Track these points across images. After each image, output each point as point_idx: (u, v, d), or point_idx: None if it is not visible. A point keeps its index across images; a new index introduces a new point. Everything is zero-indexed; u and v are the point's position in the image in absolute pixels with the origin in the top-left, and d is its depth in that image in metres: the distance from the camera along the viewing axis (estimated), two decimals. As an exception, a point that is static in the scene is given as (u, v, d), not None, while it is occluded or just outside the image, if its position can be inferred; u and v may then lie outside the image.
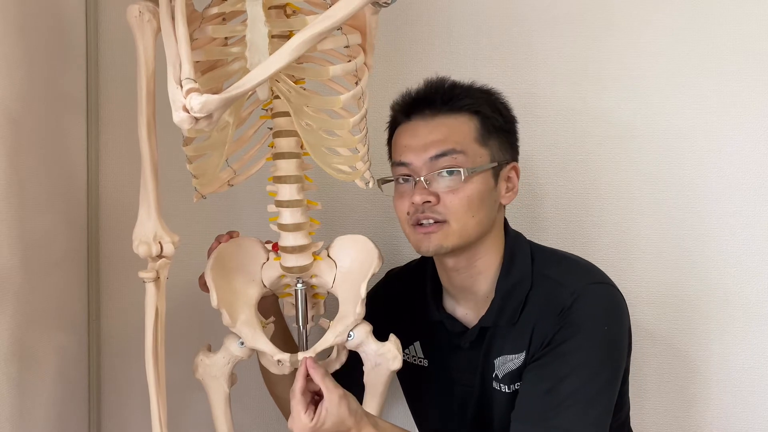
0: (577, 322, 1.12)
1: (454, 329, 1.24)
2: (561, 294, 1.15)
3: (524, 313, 1.17)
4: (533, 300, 1.18)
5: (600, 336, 1.13)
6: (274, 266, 1.19)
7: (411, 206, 1.16)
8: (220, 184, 1.18)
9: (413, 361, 1.31)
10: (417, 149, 1.16)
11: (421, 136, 1.16)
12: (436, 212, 1.14)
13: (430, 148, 1.15)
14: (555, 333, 1.13)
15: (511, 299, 1.18)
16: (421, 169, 1.15)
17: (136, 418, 1.58)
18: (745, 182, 1.52)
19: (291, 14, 1.10)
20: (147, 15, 1.01)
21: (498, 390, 1.19)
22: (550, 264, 1.21)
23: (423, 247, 1.16)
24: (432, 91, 1.20)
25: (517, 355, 1.17)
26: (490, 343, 1.20)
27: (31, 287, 1.28)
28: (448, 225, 1.14)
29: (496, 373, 1.19)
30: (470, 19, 1.56)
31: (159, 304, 1.07)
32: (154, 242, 1.05)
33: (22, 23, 1.25)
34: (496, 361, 1.19)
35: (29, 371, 1.28)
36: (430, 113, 1.18)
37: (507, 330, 1.19)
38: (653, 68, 1.54)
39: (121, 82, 1.56)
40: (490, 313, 1.19)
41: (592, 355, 1.11)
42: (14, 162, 1.22)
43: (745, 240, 1.52)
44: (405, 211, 1.17)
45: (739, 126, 1.52)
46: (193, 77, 0.91)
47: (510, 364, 1.17)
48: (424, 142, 1.16)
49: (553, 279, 1.18)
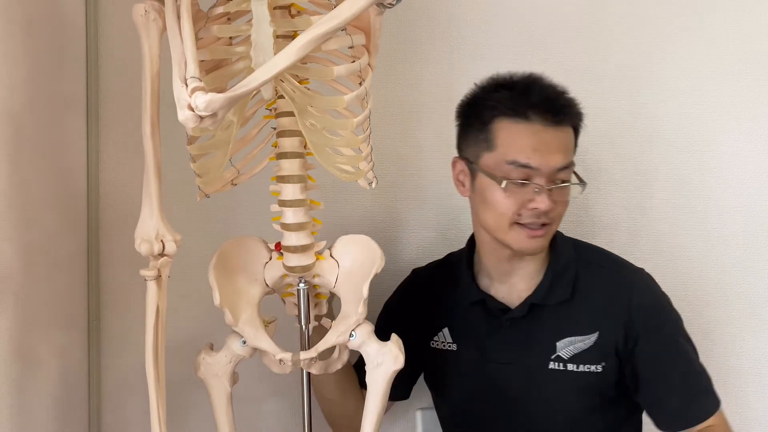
0: (656, 305, 1.26)
1: (496, 307, 1.29)
2: (623, 280, 1.26)
3: (583, 296, 1.25)
4: (590, 284, 1.26)
5: (674, 309, 1.27)
6: (277, 266, 1.19)
7: (527, 210, 1.18)
8: (223, 183, 1.18)
9: (442, 347, 1.35)
10: (546, 156, 1.18)
11: (549, 144, 1.19)
12: (548, 217, 1.20)
13: (557, 159, 1.19)
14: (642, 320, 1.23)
15: (562, 280, 1.26)
16: (544, 177, 1.18)
17: (136, 418, 1.58)
18: (746, 182, 1.53)
19: (296, 14, 1.11)
20: (152, 14, 1.01)
21: (557, 369, 1.24)
22: (591, 252, 1.32)
23: (528, 247, 1.21)
24: (555, 97, 1.22)
25: (587, 336, 1.24)
26: (545, 324, 1.25)
27: (32, 287, 1.28)
28: (550, 227, 1.21)
29: (558, 354, 1.24)
30: (470, 19, 1.57)
31: (160, 302, 1.07)
32: (156, 240, 1.05)
33: (23, 23, 1.25)
34: (558, 343, 1.25)
35: (29, 371, 1.27)
36: (553, 120, 1.20)
37: (566, 312, 1.25)
38: (653, 68, 1.55)
39: (121, 82, 1.56)
40: (539, 292, 1.26)
41: (681, 327, 1.26)
42: (14, 162, 1.22)
43: (745, 240, 1.54)
44: (515, 210, 1.19)
45: (740, 126, 1.53)
46: (198, 76, 0.91)
47: (579, 344, 1.24)
48: (551, 150, 1.19)
49: (606, 267, 1.29)
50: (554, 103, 1.21)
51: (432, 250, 1.60)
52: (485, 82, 1.27)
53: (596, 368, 1.24)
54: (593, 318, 1.24)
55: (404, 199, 1.60)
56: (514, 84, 1.23)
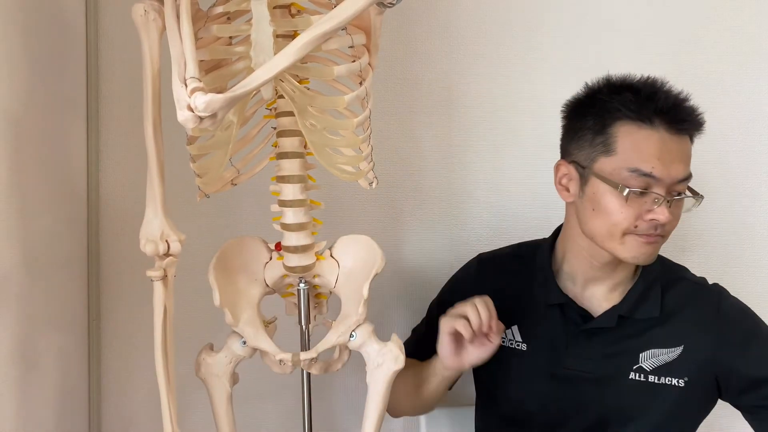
0: (741, 312, 1.25)
1: (577, 313, 1.26)
2: (705, 294, 1.26)
3: (669, 309, 1.24)
4: (676, 298, 1.25)
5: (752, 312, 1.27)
6: (277, 266, 1.19)
7: (646, 222, 1.15)
8: (223, 183, 1.18)
9: (509, 345, 1.31)
10: (668, 166, 1.14)
11: (673, 153, 1.15)
12: (663, 230, 1.16)
13: (680, 169, 1.15)
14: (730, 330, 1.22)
15: (651, 293, 1.25)
16: (664, 188, 1.14)
17: (136, 418, 1.58)
18: (746, 182, 1.53)
19: (296, 14, 1.11)
20: (152, 14, 1.01)
21: (637, 380, 1.23)
22: (673, 266, 1.31)
23: (642, 257, 1.18)
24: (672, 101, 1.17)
25: (673, 349, 1.22)
26: (630, 335, 1.24)
27: (32, 288, 1.28)
28: (662, 240, 1.18)
29: (641, 365, 1.23)
30: (470, 19, 1.57)
31: (167, 302, 1.07)
32: (161, 241, 1.05)
33: (23, 23, 1.25)
34: (642, 354, 1.23)
35: (30, 372, 1.27)
36: (677, 129, 1.16)
37: (653, 325, 1.24)
38: (653, 68, 1.54)
39: (121, 82, 1.56)
40: (627, 303, 1.24)
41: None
42: (14, 162, 1.22)
43: (745, 239, 1.53)
44: (632, 220, 1.15)
45: (740, 126, 1.53)
46: (197, 76, 0.91)
47: (664, 357, 1.23)
48: (674, 160, 1.15)
49: (688, 279, 1.29)
50: (679, 109, 1.17)
51: (432, 249, 1.60)
52: (601, 82, 1.22)
53: (678, 382, 1.22)
54: (679, 331, 1.23)
55: (404, 199, 1.60)
56: (638, 87, 1.18)
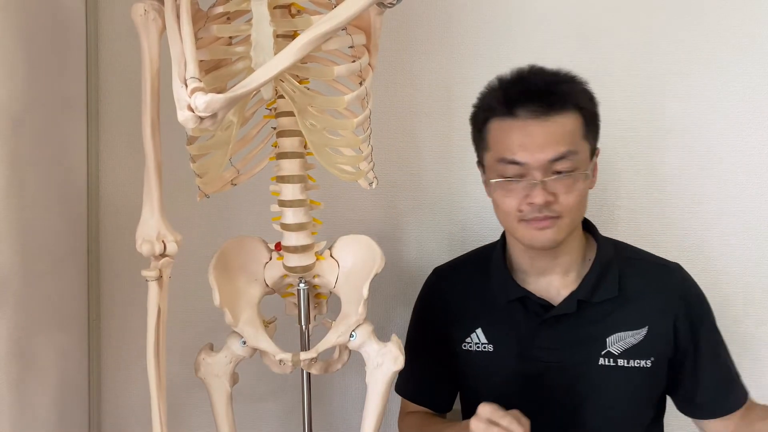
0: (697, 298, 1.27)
1: (537, 303, 1.26)
2: (669, 274, 1.27)
3: (630, 291, 1.24)
4: (635, 279, 1.25)
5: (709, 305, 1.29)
6: (277, 266, 1.20)
7: (526, 205, 1.16)
8: (223, 184, 1.18)
9: (476, 349, 1.30)
10: (532, 150, 1.15)
11: (535, 136, 1.15)
12: (553, 211, 1.16)
13: (547, 150, 1.14)
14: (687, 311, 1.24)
15: (607, 276, 1.25)
16: (537, 170, 1.15)
17: (136, 418, 1.58)
18: (746, 182, 1.53)
19: (296, 14, 1.11)
20: (152, 14, 1.02)
21: (607, 365, 1.23)
22: (628, 248, 1.32)
23: (538, 243, 1.19)
24: (540, 88, 1.18)
25: (638, 330, 1.23)
26: (593, 320, 1.24)
27: (32, 287, 1.28)
28: (561, 220, 1.17)
29: (608, 350, 1.23)
30: (470, 19, 1.57)
31: (161, 302, 1.07)
32: (158, 241, 1.05)
33: (23, 23, 1.25)
34: (609, 338, 1.23)
35: (29, 371, 1.27)
36: (541, 111, 1.15)
37: (612, 307, 1.24)
38: (653, 68, 1.54)
39: (121, 82, 1.56)
40: (584, 288, 1.24)
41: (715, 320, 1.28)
42: (14, 162, 1.22)
43: (745, 240, 1.53)
44: (516, 207, 1.18)
45: (740, 126, 1.53)
46: (197, 76, 0.91)
47: (630, 340, 1.23)
48: (540, 142, 1.15)
49: (649, 260, 1.29)
50: (541, 93, 1.17)
51: (432, 249, 1.60)
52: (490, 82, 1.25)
53: (645, 363, 1.22)
54: (643, 312, 1.23)
55: (404, 199, 1.60)
56: (508, 80, 1.21)
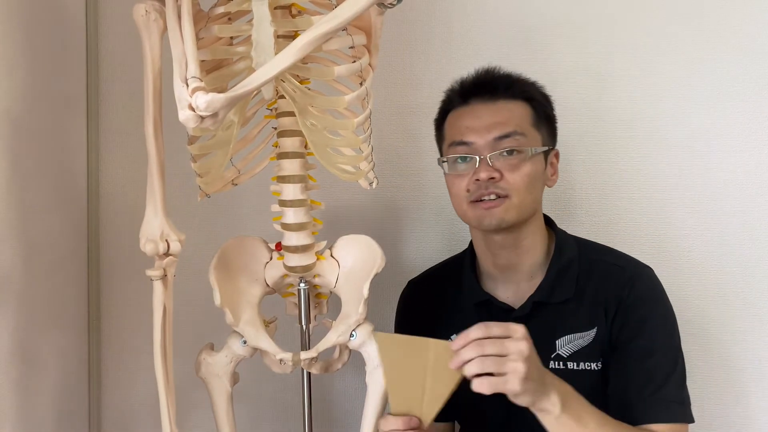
0: (648, 300, 1.22)
1: (500, 307, 1.27)
2: (622, 275, 1.24)
3: (587, 293, 1.24)
4: (592, 280, 1.24)
5: (668, 310, 1.23)
6: (278, 266, 1.20)
7: (473, 184, 1.19)
8: (224, 183, 1.18)
9: None
10: (480, 130, 1.20)
11: (483, 118, 1.21)
12: (499, 187, 1.18)
13: (493, 130, 1.19)
14: (629, 312, 1.20)
15: (565, 278, 1.24)
16: (484, 149, 1.19)
17: (136, 418, 1.58)
18: (746, 182, 1.53)
19: (296, 14, 1.11)
20: (153, 14, 1.02)
21: (557, 369, 1.22)
22: (595, 249, 1.30)
23: (485, 222, 1.20)
24: (489, 78, 1.25)
25: (587, 332, 1.22)
26: (548, 322, 1.23)
27: (32, 287, 1.28)
28: (509, 200, 1.19)
29: (558, 353, 1.23)
30: (470, 19, 1.57)
31: (166, 301, 1.07)
32: (161, 240, 1.05)
33: (23, 23, 1.25)
34: (558, 341, 1.23)
35: (30, 371, 1.27)
36: (490, 98, 1.22)
37: (568, 309, 1.23)
38: (653, 68, 1.55)
39: (121, 82, 1.56)
40: (542, 290, 1.24)
41: (668, 329, 1.22)
42: (14, 162, 1.22)
43: (745, 240, 1.53)
44: (465, 188, 1.21)
45: (740, 126, 1.53)
46: (198, 76, 0.91)
47: (579, 341, 1.22)
48: (487, 123, 1.20)
49: (609, 262, 1.27)
50: (493, 82, 1.24)
51: (432, 249, 1.60)
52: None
53: (595, 366, 1.22)
54: (592, 313, 1.23)
55: (404, 199, 1.60)
56: (464, 80, 1.28)
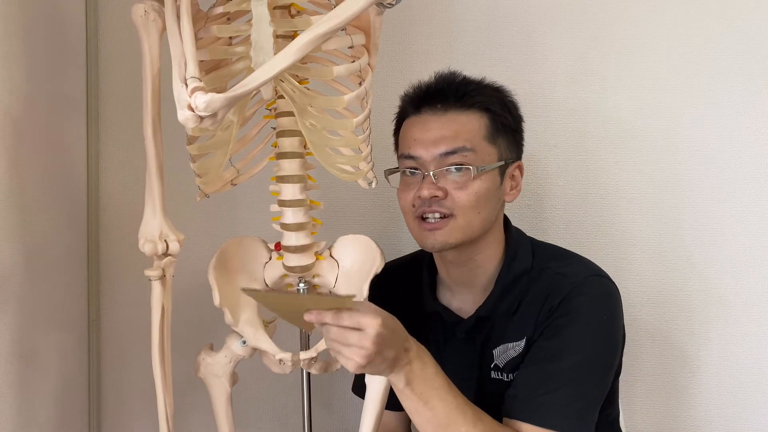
0: (576, 309, 1.14)
1: (450, 319, 1.24)
2: (561, 284, 1.17)
3: (524, 303, 1.19)
4: (533, 291, 1.19)
5: (596, 324, 1.14)
6: (277, 266, 1.20)
7: (417, 199, 1.15)
8: (223, 183, 1.18)
9: None
10: (427, 144, 1.15)
11: (432, 131, 1.16)
12: (443, 206, 1.14)
13: (440, 144, 1.15)
14: (554, 318, 1.14)
15: (512, 291, 1.20)
16: (430, 164, 1.15)
17: (136, 418, 1.58)
18: (746, 182, 1.53)
19: (295, 14, 1.11)
20: (152, 14, 1.02)
21: (498, 379, 1.20)
22: (551, 258, 1.23)
23: (428, 243, 1.16)
24: (444, 85, 1.19)
25: (518, 342, 1.18)
26: (489, 333, 1.21)
27: (32, 287, 1.28)
28: (454, 219, 1.15)
29: (495, 363, 1.20)
30: (470, 19, 1.57)
31: (165, 301, 1.07)
32: (160, 240, 1.05)
33: (23, 23, 1.25)
34: (495, 350, 1.20)
35: (30, 371, 1.27)
36: (441, 108, 1.17)
37: (506, 320, 1.20)
38: (653, 68, 1.55)
39: (121, 82, 1.56)
40: (487, 304, 1.21)
41: (588, 342, 1.13)
42: (14, 162, 1.22)
43: (745, 240, 1.53)
44: (410, 203, 1.17)
45: (740, 126, 1.53)
46: (197, 76, 0.91)
47: (511, 352, 1.18)
48: (435, 137, 1.15)
49: (554, 270, 1.20)
50: (446, 91, 1.17)
51: (432, 249, 1.60)
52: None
53: None
54: (524, 323, 1.18)
55: (404, 199, 1.60)
56: (420, 85, 1.22)
